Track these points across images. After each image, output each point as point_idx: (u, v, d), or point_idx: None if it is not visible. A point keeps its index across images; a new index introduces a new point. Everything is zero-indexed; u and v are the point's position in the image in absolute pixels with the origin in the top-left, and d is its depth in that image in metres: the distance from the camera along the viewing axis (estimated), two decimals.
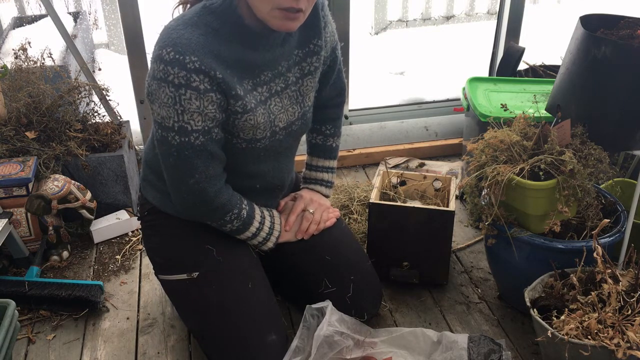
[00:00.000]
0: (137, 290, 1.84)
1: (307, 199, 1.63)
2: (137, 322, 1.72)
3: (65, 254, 1.96)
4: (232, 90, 1.28)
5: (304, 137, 1.64)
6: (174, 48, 1.21)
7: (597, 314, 1.27)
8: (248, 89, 1.33)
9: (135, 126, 2.44)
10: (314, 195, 1.66)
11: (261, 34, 1.30)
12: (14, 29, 2.72)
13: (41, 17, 2.80)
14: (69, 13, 3.09)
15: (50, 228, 1.91)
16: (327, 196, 1.70)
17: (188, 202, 1.38)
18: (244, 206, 1.45)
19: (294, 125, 1.46)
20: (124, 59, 2.46)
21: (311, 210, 1.61)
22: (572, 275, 1.42)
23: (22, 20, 2.83)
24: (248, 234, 1.49)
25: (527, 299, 1.41)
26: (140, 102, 2.36)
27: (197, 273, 1.45)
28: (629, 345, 1.20)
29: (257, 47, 1.32)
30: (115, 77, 2.68)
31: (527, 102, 2.09)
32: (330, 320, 1.46)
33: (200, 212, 1.42)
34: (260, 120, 1.35)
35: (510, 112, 1.70)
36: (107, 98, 2.24)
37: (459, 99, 2.73)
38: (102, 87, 2.21)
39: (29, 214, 1.88)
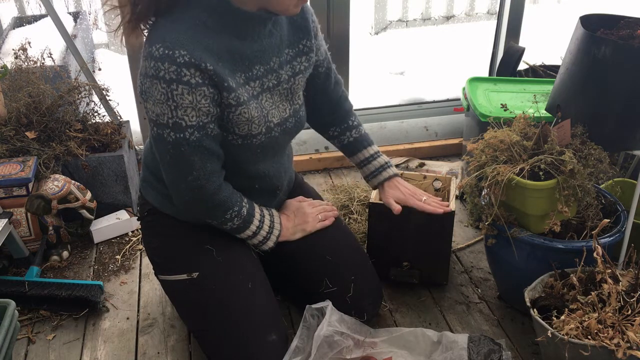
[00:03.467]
0: (137, 290, 1.84)
1: (405, 192, 1.65)
2: (137, 322, 1.72)
3: (65, 254, 1.96)
4: (224, 82, 1.28)
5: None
6: (162, 44, 1.21)
7: (597, 314, 1.27)
8: (240, 82, 1.33)
9: (135, 126, 2.44)
10: (398, 184, 1.67)
11: (250, 17, 1.29)
12: (14, 29, 2.72)
13: (41, 17, 2.80)
14: (69, 13, 3.08)
15: (50, 228, 1.91)
16: (398, 175, 1.71)
17: (187, 200, 1.38)
18: (244, 204, 1.45)
19: (289, 122, 1.46)
20: (124, 59, 2.46)
21: (424, 198, 1.64)
22: (572, 275, 1.42)
23: (22, 20, 2.83)
24: (248, 232, 1.49)
25: (527, 299, 1.41)
26: (140, 102, 2.36)
27: (197, 273, 1.45)
28: (629, 345, 1.20)
29: (245, 36, 1.32)
30: (115, 77, 2.68)
31: (527, 102, 2.09)
32: (330, 320, 1.46)
33: (201, 210, 1.42)
34: (255, 114, 1.35)
35: (510, 112, 1.70)
36: (107, 98, 2.24)
37: (459, 99, 2.73)
38: (102, 87, 2.21)
39: (29, 214, 1.88)
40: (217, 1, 1.26)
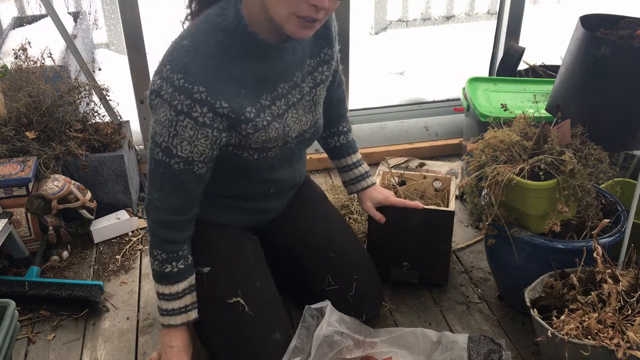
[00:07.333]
0: (137, 290, 1.84)
1: (383, 193, 1.69)
2: (137, 322, 1.72)
3: (65, 254, 1.96)
4: (240, 116, 1.27)
5: None
6: (184, 75, 1.19)
7: (597, 314, 1.27)
8: (266, 104, 1.32)
9: (135, 126, 2.44)
10: (376, 190, 1.69)
11: (273, 45, 1.28)
12: (14, 29, 2.72)
13: (41, 17, 2.80)
14: (69, 13, 3.09)
15: (50, 228, 1.91)
16: (375, 183, 1.72)
17: (150, 209, 1.36)
18: (189, 258, 1.40)
19: (306, 133, 1.46)
20: (124, 59, 2.46)
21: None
22: (572, 275, 1.42)
23: (22, 20, 2.83)
24: (178, 287, 1.39)
25: (527, 299, 1.41)
26: (140, 102, 2.36)
27: (208, 268, 1.45)
28: (629, 345, 1.20)
29: (267, 57, 1.29)
30: (115, 77, 2.68)
31: (527, 102, 2.09)
32: (330, 320, 1.46)
33: (153, 230, 1.37)
34: (273, 135, 1.35)
35: (510, 112, 1.70)
36: (107, 98, 2.24)
37: (459, 99, 2.73)
38: (102, 87, 2.21)
39: (29, 214, 1.88)
40: (241, 31, 1.24)
